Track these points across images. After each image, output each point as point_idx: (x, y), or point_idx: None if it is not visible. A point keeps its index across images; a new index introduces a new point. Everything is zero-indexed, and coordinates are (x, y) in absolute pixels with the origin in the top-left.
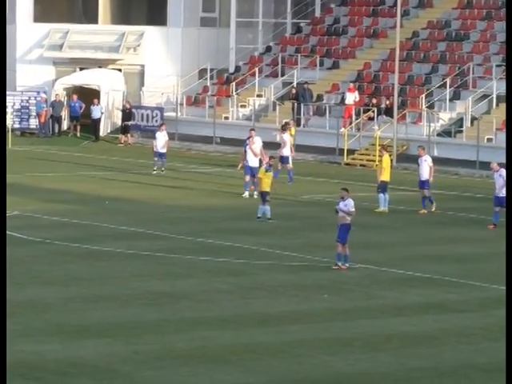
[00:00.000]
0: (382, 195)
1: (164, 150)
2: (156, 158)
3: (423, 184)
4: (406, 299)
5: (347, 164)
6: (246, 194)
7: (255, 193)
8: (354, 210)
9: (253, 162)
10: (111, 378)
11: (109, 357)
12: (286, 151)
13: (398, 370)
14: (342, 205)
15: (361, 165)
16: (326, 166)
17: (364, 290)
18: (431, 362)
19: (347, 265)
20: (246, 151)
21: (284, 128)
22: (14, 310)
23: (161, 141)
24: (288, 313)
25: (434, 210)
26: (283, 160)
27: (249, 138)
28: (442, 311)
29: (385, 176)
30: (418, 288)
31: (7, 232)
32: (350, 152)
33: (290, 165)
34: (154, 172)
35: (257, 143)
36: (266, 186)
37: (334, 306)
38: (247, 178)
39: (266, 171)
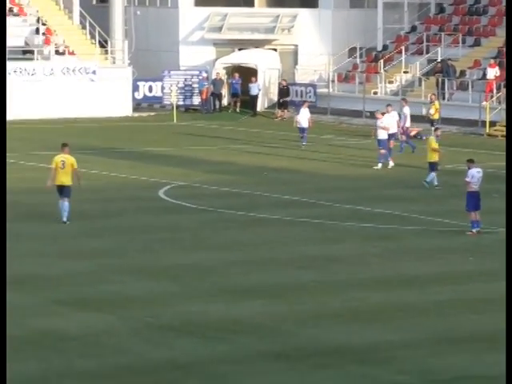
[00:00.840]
0: None
1: (306, 125)
2: (300, 134)
3: None
4: None
5: (489, 135)
6: (379, 165)
7: (390, 163)
8: (468, 179)
9: (382, 135)
10: (272, 335)
11: (269, 316)
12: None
13: None
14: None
15: (502, 136)
16: (470, 138)
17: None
18: None
19: (476, 230)
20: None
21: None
22: (180, 274)
23: (303, 116)
24: (434, 274)
25: None
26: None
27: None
28: None
29: None
30: None
31: (174, 201)
32: (492, 124)
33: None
34: (303, 147)
35: (390, 117)
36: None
37: (478, 268)
38: (382, 150)
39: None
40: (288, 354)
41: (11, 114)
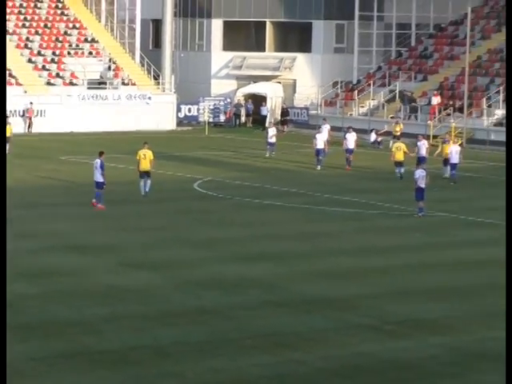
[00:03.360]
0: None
1: (273, 140)
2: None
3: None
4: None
5: (432, 145)
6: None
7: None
8: (415, 177)
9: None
10: (273, 289)
11: (271, 275)
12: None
13: None
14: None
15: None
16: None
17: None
18: None
19: (421, 214)
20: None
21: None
22: (210, 246)
23: (271, 134)
24: (391, 245)
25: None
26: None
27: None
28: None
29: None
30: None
31: (205, 191)
32: (434, 137)
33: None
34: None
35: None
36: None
37: (422, 241)
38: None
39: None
40: (284, 303)
41: (89, 128)
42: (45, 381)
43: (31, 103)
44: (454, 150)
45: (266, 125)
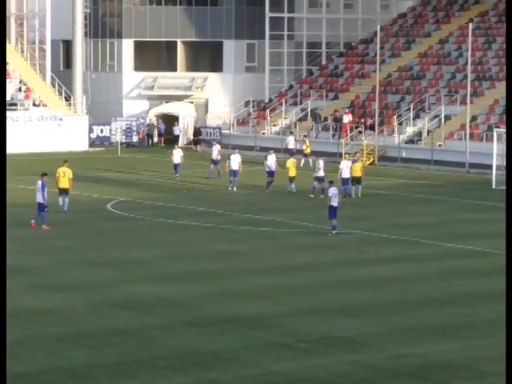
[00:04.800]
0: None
1: (178, 161)
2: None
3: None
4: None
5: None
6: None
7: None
8: (330, 195)
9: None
10: (189, 309)
11: (188, 294)
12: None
13: None
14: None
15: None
16: (327, 165)
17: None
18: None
19: (334, 232)
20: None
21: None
22: (125, 266)
23: (177, 156)
24: (306, 263)
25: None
26: None
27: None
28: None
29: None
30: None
31: (119, 212)
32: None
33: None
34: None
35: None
36: None
37: (336, 258)
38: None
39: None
40: (199, 323)
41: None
42: None
43: None
44: (345, 166)
45: (179, 144)
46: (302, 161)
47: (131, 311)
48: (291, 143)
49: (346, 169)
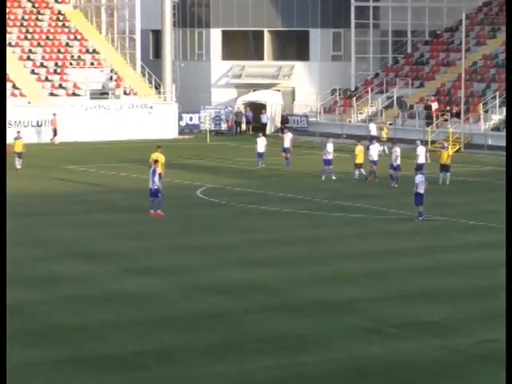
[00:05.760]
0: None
1: (263, 151)
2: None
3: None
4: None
5: (431, 151)
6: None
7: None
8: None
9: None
10: (277, 293)
11: (274, 279)
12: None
13: None
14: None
15: (438, 151)
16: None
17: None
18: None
19: (421, 218)
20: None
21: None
22: (214, 251)
23: (261, 145)
24: (393, 249)
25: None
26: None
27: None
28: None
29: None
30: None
31: (208, 198)
32: (433, 142)
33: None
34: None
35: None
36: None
37: (422, 244)
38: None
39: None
40: (288, 307)
41: (93, 138)
42: None
43: (54, 114)
44: (421, 151)
45: (267, 132)
46: (381, 148)
47: (221, 295)
48: (373, 130)
49: (422, 155)
